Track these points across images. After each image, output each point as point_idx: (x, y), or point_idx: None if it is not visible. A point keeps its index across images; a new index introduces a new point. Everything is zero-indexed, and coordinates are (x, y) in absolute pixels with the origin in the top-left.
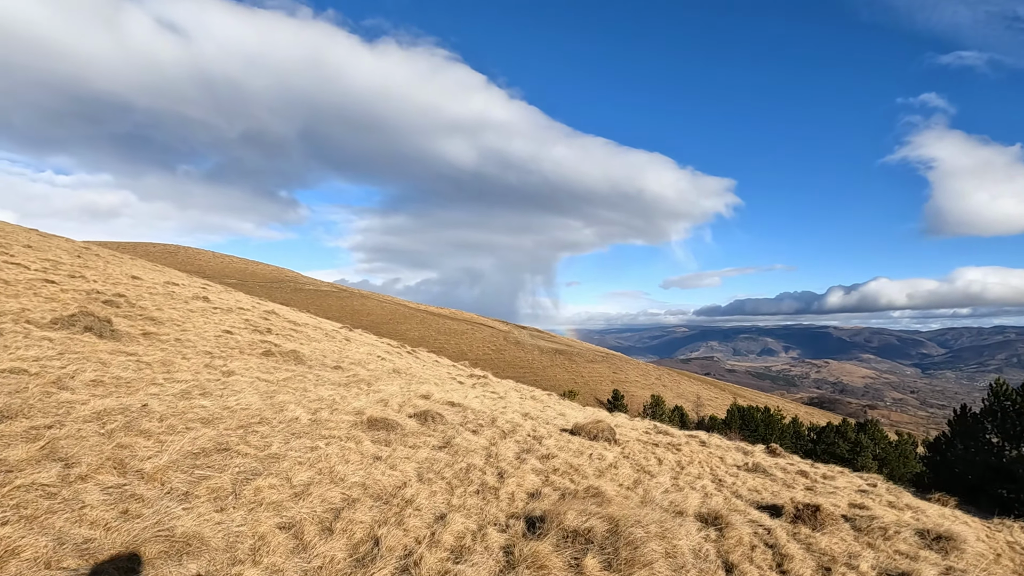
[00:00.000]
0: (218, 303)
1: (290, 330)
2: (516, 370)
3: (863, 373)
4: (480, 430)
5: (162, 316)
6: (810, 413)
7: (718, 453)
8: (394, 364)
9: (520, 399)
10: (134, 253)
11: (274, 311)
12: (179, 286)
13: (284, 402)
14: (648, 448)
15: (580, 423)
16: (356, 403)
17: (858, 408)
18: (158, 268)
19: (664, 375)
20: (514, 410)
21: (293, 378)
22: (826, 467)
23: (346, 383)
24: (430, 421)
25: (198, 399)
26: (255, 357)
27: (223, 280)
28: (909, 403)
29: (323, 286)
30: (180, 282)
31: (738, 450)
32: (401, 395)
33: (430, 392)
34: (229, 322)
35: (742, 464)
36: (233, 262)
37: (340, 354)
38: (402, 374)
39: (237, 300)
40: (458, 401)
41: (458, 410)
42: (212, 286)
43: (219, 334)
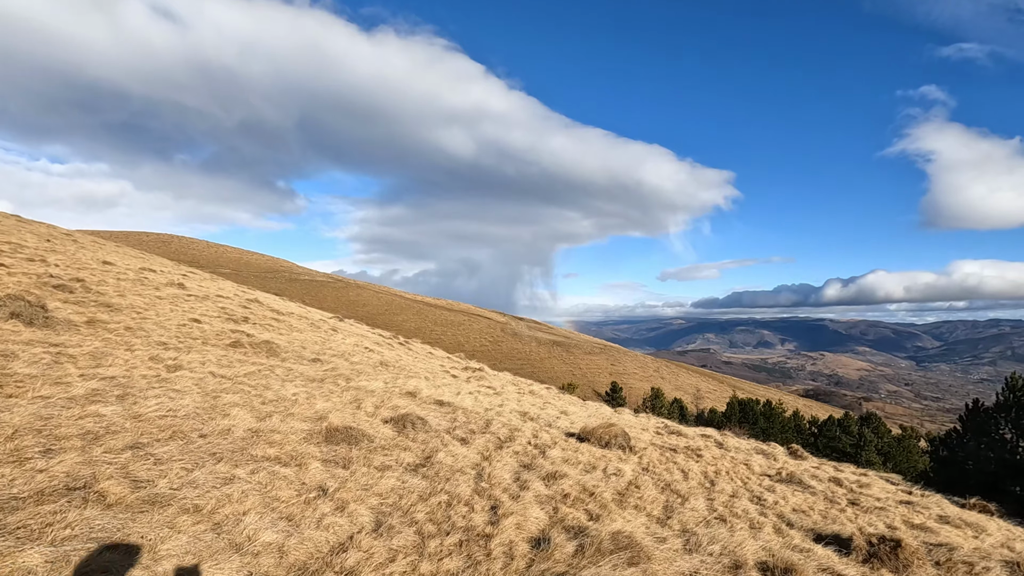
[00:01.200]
0: (195, 291)
1: (271, 319)
2: (513, 362)
3: (858, 366)
4: (471, 438)
5: (122, 303)
6: (808, 406)
7: (740, 458)
8: (382, 356)
9: (518, 394)
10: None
11: (257, 299)
12: (156, 272)
13: (228, 404)
14: (666, 456)
15: (588, 427)
16: (322, 405)
17: (853, 400)
18: (140, 255)
19: (662, 367)
20: (512, 409)
21: (257, 373)
22: (851, 468)
23: (320, 378)
24: (409, 428)
25: (101, 405)
26: (219, 348)
27: (216, 270)
28: (904, 396)
29: (318, 276)
30: (158, 269)
31: (758, 452)
32: (382, 393)
33: (418, 388)
34: (201, 310)
35: (772, 472)
36: (228, 252)
37: (322, 345)
38: (390, 367)
39: (220, 288)
40: (448, 399)
41: (447, 411)
42: (197, 273)
43: (184, 323)
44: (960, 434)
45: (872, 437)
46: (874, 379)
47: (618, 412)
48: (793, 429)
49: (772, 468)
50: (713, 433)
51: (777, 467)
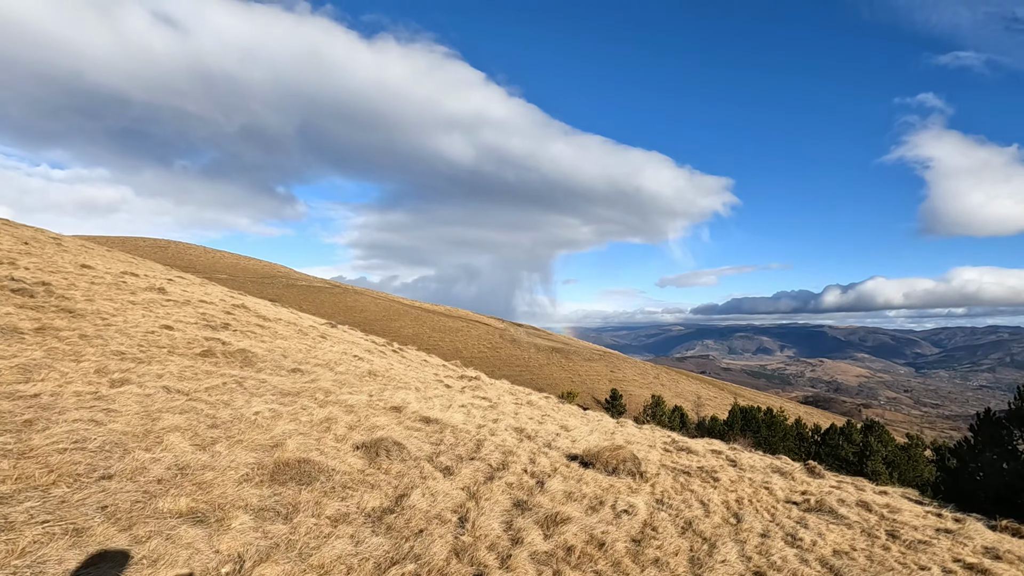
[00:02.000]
0: (177, 296)
1: (255, 326)
2: (512, 368)
3: (857, 372)
4: (457, 467)
5: (87, 308)
6: (809, 413)
7: (758, 479)
8: (372, 365)
9: (515, 406)
10: (123, 247)
11: (244, 305)
12: (138, 277)
13: (167, 429)
14: (681, 481)
15: (593, 449)
16: (284, 427)
17: (853, 407)
18: (129, 259)
19: (662, 374)
20: (507, 425)
21: (221, 387)
22: (871, 486)
23: (296, 392)
24: (383, 456)
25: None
26: (186, 358)
27: (212, 275)
28: (903, 402)
29: (316, 282)
30: (142, 273)
31: (774, 471)
32: (363, 408)
33: (405, 402)
34: (177, 316)
35: (797, 498)
36: (224, 257)
37: (307, 354)
38: (378, 377)
39: (206, 293)
40: (437, 415)
41: (433, 430)
42: (186, 278)
43: (153, 330)
44: (972, 444)
45: (878, 446)
46: (873, 385)
47: (621, 424)
48: (795, 437)
49: (794, 491)
50: (723, 448)
51: (799, 489)
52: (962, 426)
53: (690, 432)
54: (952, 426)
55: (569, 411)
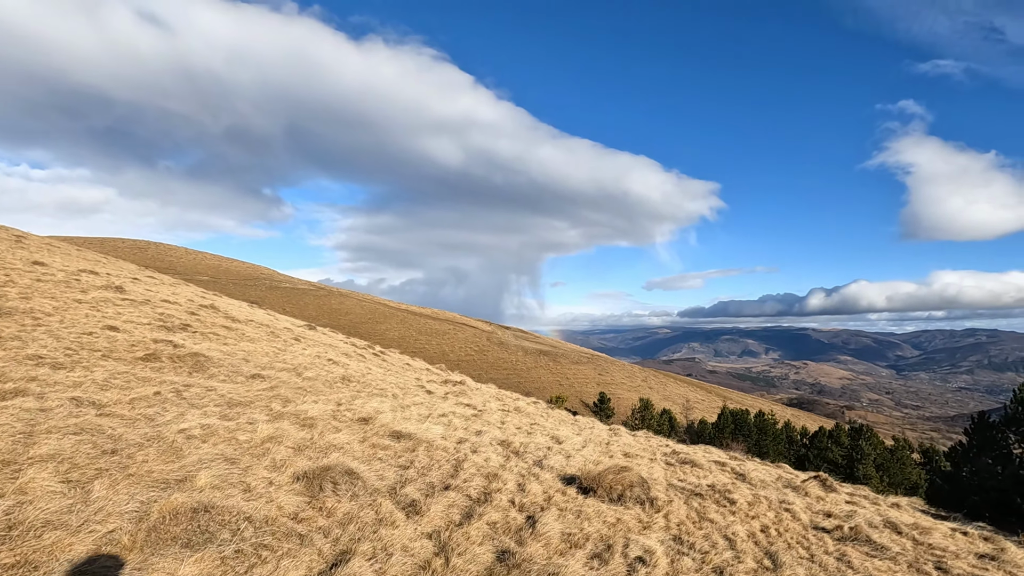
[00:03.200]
0: (136, 295)
1: (220, 328)
2: (499, 372)
3: (840, 374)
4: (425, 502)
5: (19, 306)
6: (796, 415)
7: (775, 498)
8: (347, 370)
9: (502, 413)
10: (101, 248)
11: (214, 305)
12: (97, 275)
13: (37, 458)
14: (694, 507)
15: (592, 469)
16: (206, 451)
17: (836, 409)
18: (99, 259)
19: (650, 377)
20: (492, 437)
21: (152, 397)
22: (883, 499)
23: (247, 402)
24: (328, 490)
25: None
26: (122, 363)
27: (193, 277)
28: (885, 404)
29: (300, 284)
30: (103, 272)
31: (785, 484)
32: (323, 422)
33: (376, 412)
34: (129, 316)
35: (825, 523)
36: (206, 258)
37: (275, 358)
38: (352, 383)
39: (174, 293)
40: (410, 429)
41: (404, 448)
42: (157, 278)
43: (92, 331)
44: (966, 448)
45: (869, 450)
46: (856, 388)
47: (615, 432)
48: (785, 441)
49: (816, 511)
50: (724, 457)
51: (820, 509)
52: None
53: (679, 435)
54: (932, 427)
55: (559, 418)
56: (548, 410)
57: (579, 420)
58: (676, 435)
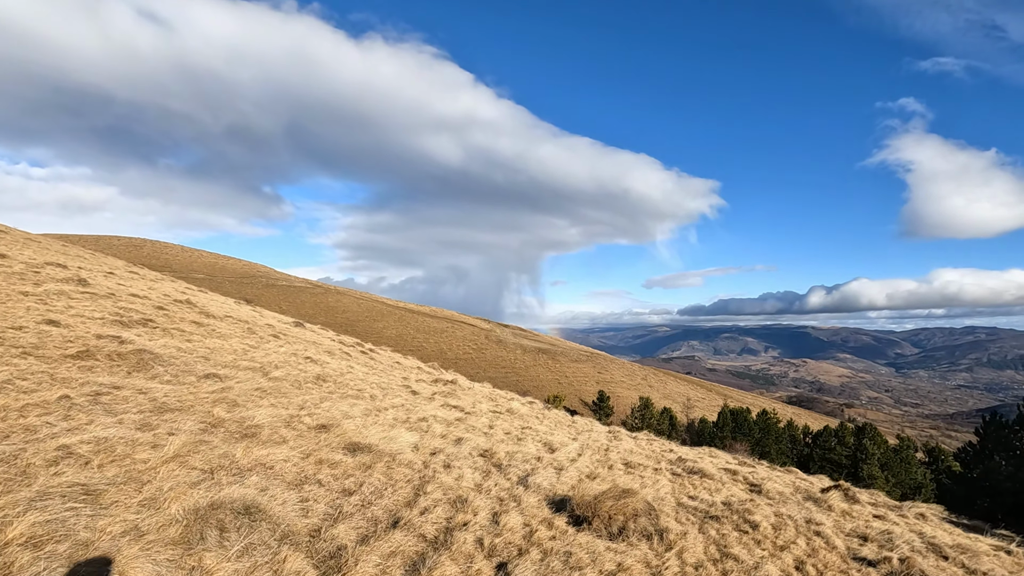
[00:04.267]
0: (100, 289)
1: (190, 323)
2: (498, 370)
3: (840, 372)
4: (353, 553)
5: None
6: (797, 414)
7: (799, 516)
8: (323, 369)
9: (492, 414)
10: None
11: (190, 300)
12: (64, 268)
13: None
14: (713, 539)
15: (587, 490)
16: (66, 477)
17: (835, 407)
18: (79, 254)
19: (650, 375)
20: (473, 447)
21: (56, 402)
22: (908, 509)
23: (186, 406)
24: (211, 539)
25: None
26: (42, 362)
27: (190, 275)
28: (884, 402)
29: (296, 282)
30: (73, 265)
31: (805, 496)
32: (270, 431)
33: (341, 418)
34: (80, 310)
35: (866, 551)
36: (203, 256)
37: (242, 356)
38: (326, 383)
39: (150, 288)
40: (372, 441)
41: (355, 466)
42: (140, 273)
43: (22, 326)
44: (978, 449)
45: (874, 449)
46: (855, 385)
47: (615, 436)
48: (788, 440)
49: (852, 535)
50: (734, 464)
51: (854, 530)
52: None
53: (680, 435)
54: (932, 425)
55: (555, 419)
56: (544, 411)
57: (577, 422)
58: (677, 434)
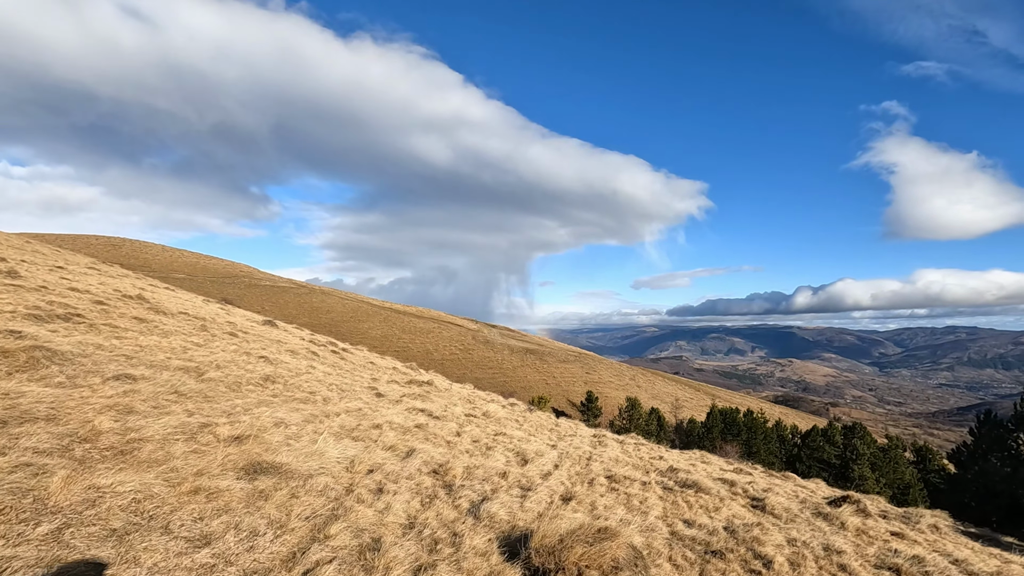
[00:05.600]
0: (33, 282)
1: (132, 318)
2: (484, 371)
3: (825, 372)
4: None
5: None
6: (784, 413)
7: (819, 544)
8: (275, 369)
9: (464, 419)
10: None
11: (141, 296)
12: (4, 261)
13: None
14: None
15: (552, 531)
16: None
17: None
18: (37, 250)
19: (638, 375)
20: (426, 460)
21: None
22: (929, 519)
23: (59, 416)
24: None
25: None
26: None
27: (169, 275)
28: (868, 400)
29: (280, 282)
30: (13, 258)
31: (817, 514)
32: (146, 449)
33: (270, 426)
34: None
35: None
36: (183, 256)
37: (178, 354)
38: (274, 384)
39: (100, 283)
40: (282, 460)
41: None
42: (101, 269)
43: None
44: (972, 449)
45: (864, 449)
46: (840, 385)
47: (599, 440)
48: (776, 439)
49: (886, 569)
50: (728, 471)
51: (881, 557)
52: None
53: (669, 436)
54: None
55: (537, 423)
56: (526, 413)
57: (560, 425)
58: (666, 435)
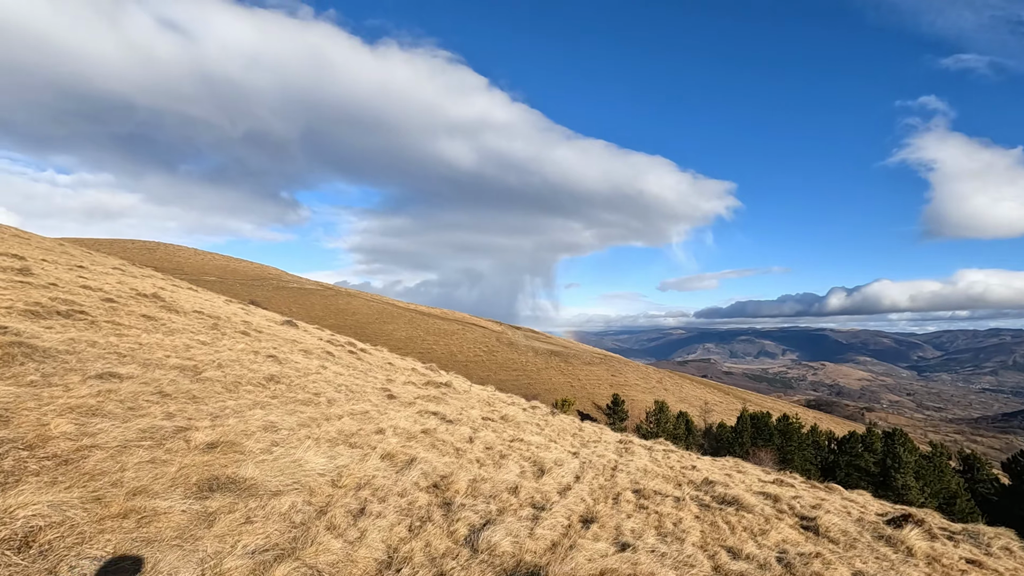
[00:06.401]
0: (40, 279)
1: (139, 316)
2: (508, 373)
3: (859, 375)
4: None
5: None
6: (819, 418)
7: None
8: (281, 369)
9: (480, 423)
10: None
11: (157, 295)
12: (21, 259)
13: None
14: None
15: (570, 574)
16: None
17: (855, 411)
18: (67, 251)
19: (665, 378)
20: (425, 471)
21: None
22: (1002, 541)
23: (5, 418)
24: None
25: None
26: None
27: (201, 277)
28: (905, 405)
29: (307, 284)
30: (32, 256)
31: (879, 537)
32: (92, 459)
33: (258, 430)
34: None
35: None
36: (215, 259)
37: (176, 352)
38: (278, 384)
39: (119, 282)
40: (253, 474)
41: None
42: (127, 270)
43: None
44: None
45: (908, 457)
46: (875, 389)
47: (626, 447)
48: (811, 446)
49: None
50: (768, 482)
51: None
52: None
53: (698, 441)
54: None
55: (559, 427)
56: (548, 417)
57: (585, 429)
58: (694, 440)
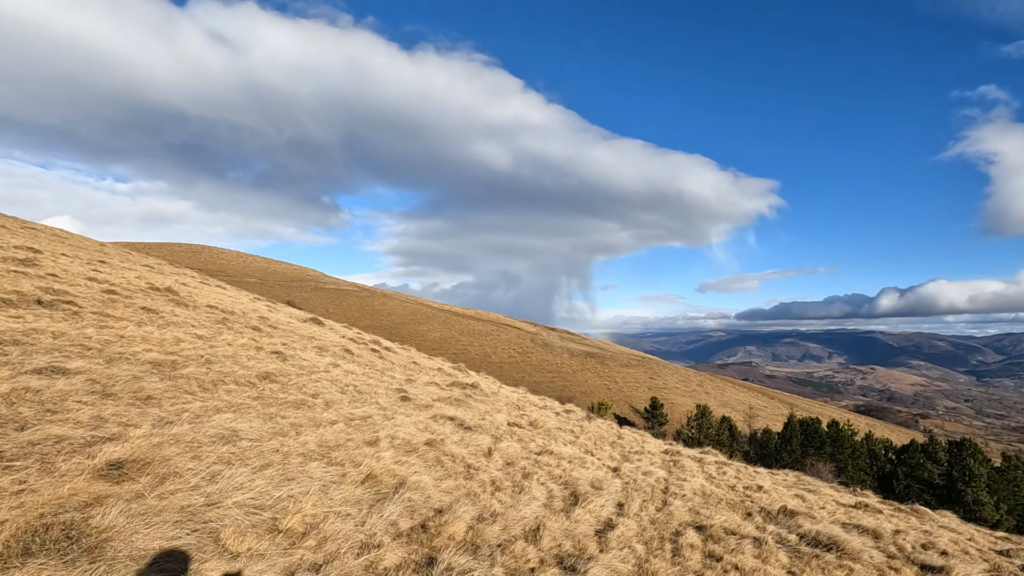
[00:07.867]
0: (41, 270)
1: (138, 308)
2: (543, 374)
3: (913, 380)
4: None
5: None
6: (871, 425)
7: None
8: (282, 365)
9: (506, 428)
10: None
11: (171, 288)
12: (38, 252)
13: None
14: None
15: None
16: None
17: (908, 417)
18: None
19: (706, 381)
20: (410, 506)
21: None
22: None
23: None
24: None
25: None
26: None
27: (242, 279)
28: (964, 412)
29: (344, 285)
30: (50, 250)
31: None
32: None
33: (209, 441)
34: None
35: None
36: (255, 261)
37: (161, 347)
38: (272, 382)
39: (138, 277)
40: (106, 524)
41: None
42: (156, 268)
43: None
44: None
45: (979, 469)
46: (930, 394)
47: (674, 460)
48: (866, 455)
49: None
50: (861, 516)
51: None
52: None
53: (741, 446)
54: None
55: (595, 434)
56: (583, 422)
57: (624, 437)
58: (739, 446)
